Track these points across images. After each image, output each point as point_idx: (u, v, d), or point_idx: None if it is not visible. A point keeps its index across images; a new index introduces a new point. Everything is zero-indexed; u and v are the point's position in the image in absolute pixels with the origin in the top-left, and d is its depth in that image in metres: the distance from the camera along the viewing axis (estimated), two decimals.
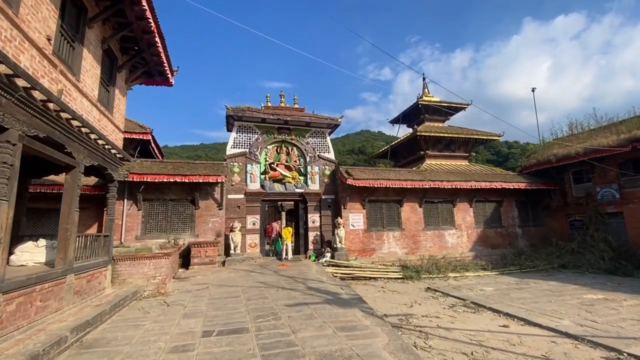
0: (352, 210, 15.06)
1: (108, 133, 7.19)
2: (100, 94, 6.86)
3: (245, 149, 14.82)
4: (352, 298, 7.52)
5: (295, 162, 15.51)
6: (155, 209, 13.17)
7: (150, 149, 14.15)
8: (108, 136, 7.14)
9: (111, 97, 7.40)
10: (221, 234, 13.54)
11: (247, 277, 10.37)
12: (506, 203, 17.47)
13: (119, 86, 7.83)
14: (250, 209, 14.46)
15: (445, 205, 16.58)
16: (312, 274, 10.74)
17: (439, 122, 23.66)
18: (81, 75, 5.93)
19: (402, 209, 15.78)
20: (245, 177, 14.63)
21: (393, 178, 14.92)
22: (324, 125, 15.62)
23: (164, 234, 13.03)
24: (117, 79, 7.64)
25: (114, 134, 7.56)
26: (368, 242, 15.04)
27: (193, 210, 13.45)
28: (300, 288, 8.52)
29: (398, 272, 13.69)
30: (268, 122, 14.92)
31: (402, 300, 10.17)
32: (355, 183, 14.15)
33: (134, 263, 8.37)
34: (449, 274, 13.82)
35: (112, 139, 7.36)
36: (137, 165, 12.63)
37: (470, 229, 16.68)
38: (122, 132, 8.22)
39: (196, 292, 8.21)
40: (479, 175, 17.01)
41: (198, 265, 12.25)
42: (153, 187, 13.07)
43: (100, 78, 6.76)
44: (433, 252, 15.70)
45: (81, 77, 5.93)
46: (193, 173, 12.65)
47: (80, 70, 5.88)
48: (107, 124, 7.14)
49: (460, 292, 10.81)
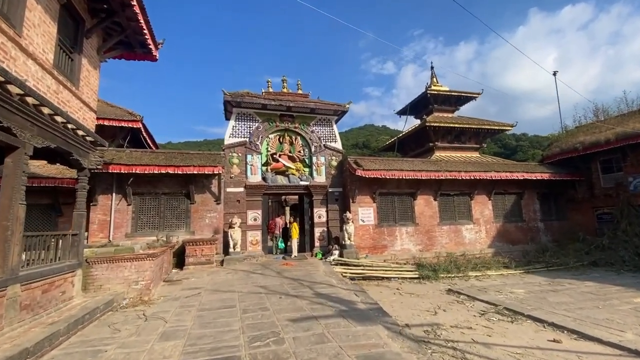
0: (361, 204, 13.62)
1: (72, 110, 5.79)
2: (59, 60, 5.45)
3: (244, 138, 13.40)
4: (371, 308, 6.10)
5: (299, 153, 14.07)
6: (147, 204, 11.81)
7: (141, 138, 12.79)
8: (72, 114, 5.74)
9: (76, 66, 5.99)
10: (219, 231, 12.17)
11: (246, 279, 9.00)
12: (527, 195, 15.92)
13: (88, 55, 6.41)
14: (251, 204, 13.06)
15: (462, 198, 15.07)
16: (319, 276, 9.35)
17: (449, 113, 22.13)
18: (24, 29, 4.51)
19: (416, 203, 14.30)
20: (245, 169, 13.22)
21: (406, 169, 13.42)
22: (330, 111, 14.13)
23: (157, 231, 11.68)
24: (84, 45, 6.22)
25: (82, 113, 6.16)
26: (379, 238, 13.61)
27: (188, 205, 12.08)
28: (307, 294, 7.12)
29: (413, 271, 12.26)
30: (269, 108, 13.47)
31: (423, 305, 8.75)
32: (365, 174, 12.69)
33: (113, 266, 7.01)
34: (469, 273, 12.36)
35: (78, 117, 5.97)
36: (125, 155, 11.26)
37: (489, 223, 15.17)
38: (95, 111, 6.81)
39: (185, 300, 6.83)
40: (499, 165, 15.46)
41: (193, 265, 10.90)
42: (144, 180, 11.71)
43: (57, 40, 5.34)
44: (449, 248, 14.24)
45: (24, 31, 4.51)
46: (187, 164, 11.25)
47: (22, 22, 4.46)
48: (69, 99, 5.74)
49: (488, 295, 9.36)
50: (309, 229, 13.83)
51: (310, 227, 13.79)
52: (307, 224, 13.87)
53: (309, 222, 13.86)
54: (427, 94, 21.43)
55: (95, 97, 6.83)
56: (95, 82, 6.72)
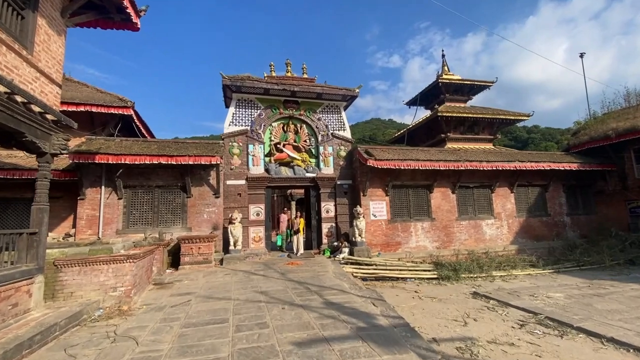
0: (372, 197, 12.31)
1: (22, 79, 4.58)
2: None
3: (245, 126, 12.14)
4: (395, 325, 4.83)
5: (305, 142, 12.78)
6: (140, 198, 10.66)
7: (134, 126, 11.62)
8: (22, 84, 4.54)
9: (29, 26, 4.76)
10: (218, 227, 11.00)
11: (245, 282, 7.79)
12: (552, 188, 14.43)
13: (48, 16, 5.17)
14: (254, 197, 11.85)
15: (482, 190, 13.66)
16: (329, 278, 8.10)
17: (461, 103, 20.66)
18: None
19: (432, 196, 12.93)
20: (247, 160, 11.98)
21: (423, 158, 12.05)
22: (338, 97, 12.77)
23: (151, 227, 10.55)
24: (42, 3, 4.98)
25: (38, 84, 4.94)
26: (392, 234, 12.30)
27: (185, 198, 10.91)
28: (315, 304, 5.88)
29: (431, 270, 10.95)
30: (272, 93, 12.16)
31: (449, 312, 7.45)
32: (378, 165, 11.36)
33: (86, 269, 5.84)
34: (493, 273, 11.00)
35: (32, 89, 4.77)
36: (113, 144, 10.09)
37: (511, 218, 13.75)
38: (59, 85, 5.59)
39: (170, 311, 5.65)
40: (522, 155, 13.98)
41: (189, 265, 9.75)
42: (136, 172, 10.56)
43: None
44: (468, 245, 12.89)
45: None
46: (182, 153, 10.05)
47: None
48: (17, 65, 4.52)
49: (522, 301, 8.02)
50: (316, 225, 12.58)
51: (318, 222, 12.54)
52: (314, 219, 12.62)
53: (315, 217, 12.61)
54: (438, 83, 20.04)
55: (59, 69, 5.60)
56: (59, 51, 5.49)
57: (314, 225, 12.60)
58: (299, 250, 11.72)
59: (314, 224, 12.61)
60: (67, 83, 12.26)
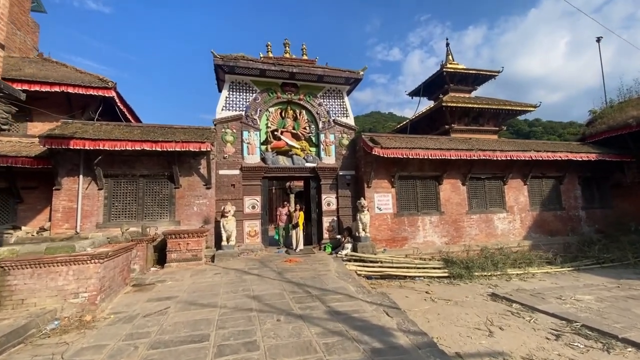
0: (377, 189, 11.24)
1: None
2: None
3: (240, 111, 10.99)
4: (419, 344, 3.79)
5: (304, 130, 11.65)
6: (123, 188, 9.56)
7: (117, 111, 10.45)
8: None
9: None
10: (210, 221, 9.92)
11: (237, 284, 6.74)
12: (567, 180, 13.39)
13: None
14: (249, 188, 10.76)
15: (494, 182, 12.60)
16: (331, 278, 7.06)
17: (465, 93, 19.52)
18: None
19: (441, 188, 11.87)
20: (242, 148, 10.87)
21: (432, 147, 10.95)
22: (340, 80, 11.60)
23: (135, 220, 9.46)
24: None
25: None
26: (398, 229, 11.27)
27: (172, 189, 9.81)
28: (317, 314, 4.83)
29: (441, 268, 9.95)
30: (269, 75, 10.99)
31: (469, 318, 6.44)
32: (384, 154, 10.26)
33: (41, 272, 4.78)
34: (508, 271, 10.02)
35: None
36: (91, 128, 8.95)
37: (524, 211, 12.73)
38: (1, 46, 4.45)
39: (140, 323, 4.60)
40: (537, 144, 12.90)
41: (177, 263, 8.70)
42: (118, 160, 9.44)
43: None
44: (479, 240, 11.88)
45: None
46: (168, 139, 8.92)
47: None
48: None
49: (549, 305, 7.02)
50: (317, 218, 11.53)
51: (318, 216, 11.49)
52: (314, 212, 11.56)
53: (316, 210, 11.55)
54: (442, 72, 18.86)
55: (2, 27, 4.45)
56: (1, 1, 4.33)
57: (314, 219, 11.55)
58: (298, 245, 10.68)
59: (314, 217, 11.56)
60: (45, 63, 11.06)
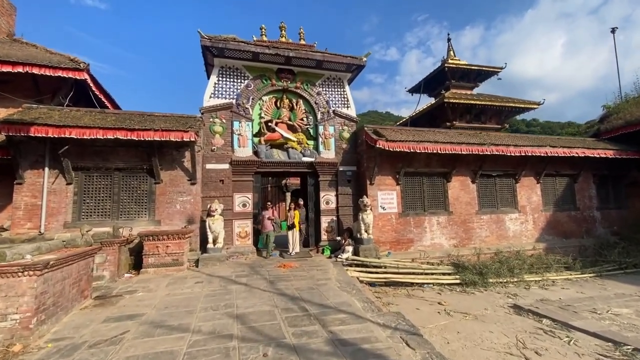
0: (381, 186, 10.12)
1: None
2: None
3: (230, 99, 9.81)
4: None
5: (301, 121, 10.49)
6: (95, 183, 8.33)
7: (93, 97, 9.20)
8: None
9: None
10: (194, 220, 8.73)
11: (219, 296, 5.57)
12: (582, 178, 12.37)
13: None
14: (239, 185, 9.59)
15: (506, 180, 11.54)
16: (332, 289, 5.92)
17: (467, 90, 18.63)
18: None
19: (450, 185, 10.79)
20: (232, 140, 9.68)
21: (442, 141, 9.85)
22: (341, 66, 10.45)
23: (109, 219, 8.25)
24: None
25: None
26: (404, 230, 10.16)
27: (152, 185, 8.60)
28: (316, 344, 3.69)
29: (452, 274, 8.87)
30: (263, 60, 9.81)
31: (494, 338, 5.34)
32: (390, 147, 9.14)
33: None
34: (525, 277, 8.96)
35: None
36: (57, 114, 7.72)
37: (537, 212, 11.69)
38: None
39: (82, 357, 3.43)
40: (552, 140, 11.87)
41: (154, 268, 7.50)
42: (90, 151, 8.21)
43: None
44: (490, 243, 10.82)
45: None
46: (145, 127, 7.72)
47: None
48: None
49: (585, 321, 5.94)
50: (314, 218, 10.38)
51: (316, 215, 10.34)
52: (312, 211, 10.40)
53: (313, 209, 10.40)
54: (444, 68, 17.90)
55: None
56: None
57: (312, 218, 10.40)
58: (293, 248, 9.52)
59: (311, 217, 10.41)
60: (13, 44, 9.76)
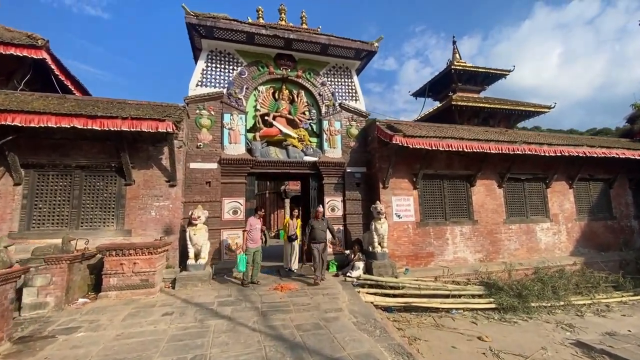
0: (396, 191, 8.53)
1: None
2: None
3: (220, 88, 8.26)
4: None
5: (303, 115, 8.96)
6: (50, 184, 6.70)
7: (55, 81, 7.63)
8: None
9: None
10: (173, 230, 7.07)
11: (189, 342, 3.89)
12: (618, 183, 10.82)
13: None
14: (230, 188, 7.97)
15: (535, 185, 9.98)
16: (346, 327, 4.24)
17: (473, 93, 17.35)
18: None
19: (474, 190, 9.21)
20: (221, 135, 8.10)
21: (467, 137, 8.32)
22: (350, 52, 8.95)
23: (67, 228, 6.58)
24: None
25: None
26: (422, 242, 8.53)
27: (122, 186, 6.97)
28: None
29: (483, 295, 7.21)
30: (259, 42, 8.32)
31: None
32: (408, 143, 7.57)
33: None
34: (571, 300, 7.31)
35: None
36: (1, 97, 6.14)
37: (570, 221, 10.09)
38: None
39: None
40: (587, 139, 10.36)
41: (117, 291, 5.81)
42: (46, 145, 6.60)
43: None
44: (520, 256, 9.20)
45: None
46: (110, 114, 6.12)
47: None
48: None
49: None
50: None
51: None
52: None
53: None
54: (450, 70, 16.63)
55: None
56: None
57: None
58: (294, 264, 7.84)
59: None
60: None
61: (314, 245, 6.82)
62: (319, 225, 6.94)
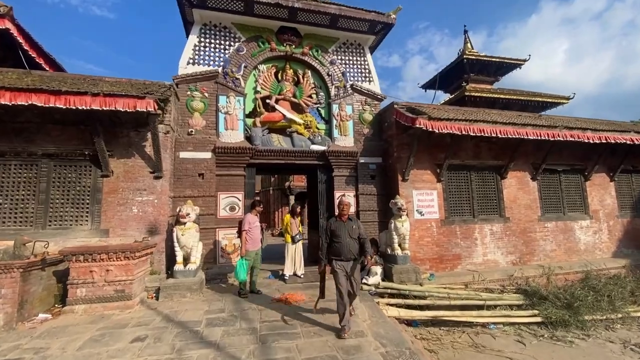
0: (417, 184, 7.32)
1: None
2: None
3: (215, 67, 7.10)
4: None
5: (309, 98, 7.77)
6: (12, 176, 5.60)
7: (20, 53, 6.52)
8: None
9: None
10: (159, 229, 5.94)
11: None
12: None
13: None
14: (226, 181, 6.82)
15: (572, 177, 8.71)
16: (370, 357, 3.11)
17: (487, 84, 16.10)
18: None
19: (505, 183, 7.97)
20: (216, 120, 6.95)
21: (501, 121, 7.08)
22: (363, 25, 7.71)
23: (32, 227, 5.50)
24: None
25: None
26: (448, 243, 7.31)
27: (98, 178, 5.86)
28: None
29: (524, 305, 6.01)
30: (259, 13, 7.11)
31: None
32: (434, 127, 6.35)
33: None
34: (630, 311, 6.08)
35: None
36: None
37: (612, 218, 8.81)
38: None
39: None
40: (632, 125, 9.05)
41: (86, 305, 4.69)
42: (7, 129, 5.50)
43: None
44: (557, 258, 7.96)
45: None
46: (79, 90, 4.99)
47: None
48: None
49: None
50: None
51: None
52: (323, 217, 7.58)
53: (325, 213, 7.58)
54: (462, 60, 15.37)
55: None
56: None
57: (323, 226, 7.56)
58: (299, 269, 6.68)
59: (322, 224, 7.59)
60: None
61: (339, 265, 3.91)
62: (346, 230, 4.04)
